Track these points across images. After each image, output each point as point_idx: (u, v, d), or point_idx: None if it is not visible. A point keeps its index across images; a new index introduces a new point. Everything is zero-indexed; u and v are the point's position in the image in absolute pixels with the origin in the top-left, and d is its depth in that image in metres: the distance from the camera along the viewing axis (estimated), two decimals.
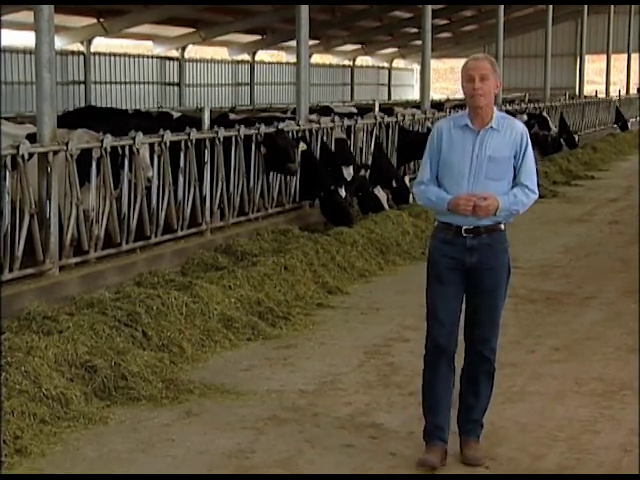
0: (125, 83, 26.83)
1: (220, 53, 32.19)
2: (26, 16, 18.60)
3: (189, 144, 10.15)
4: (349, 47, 38.11)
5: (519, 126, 5.33)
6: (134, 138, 9.26)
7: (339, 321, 8.59)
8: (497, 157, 5.20)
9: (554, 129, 21.99)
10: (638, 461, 5.38)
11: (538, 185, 5.37)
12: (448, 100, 29.33)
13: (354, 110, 18.91)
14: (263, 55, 33.98)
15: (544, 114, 22.43)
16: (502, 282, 5.34)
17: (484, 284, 5.27)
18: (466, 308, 5.36)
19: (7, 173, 7.78)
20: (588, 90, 32.94)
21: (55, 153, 8.30)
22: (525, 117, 21.30)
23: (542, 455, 5.53)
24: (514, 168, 5.26)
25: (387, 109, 18.25)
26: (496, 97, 5.35)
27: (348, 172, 12.30)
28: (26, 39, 21.75)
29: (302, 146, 11.94)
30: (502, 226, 5.30)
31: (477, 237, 5.23)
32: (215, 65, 30.98)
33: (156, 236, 9.67)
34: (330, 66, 38.30)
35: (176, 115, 15.32)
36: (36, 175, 8.29)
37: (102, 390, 6.40)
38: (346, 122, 13.78)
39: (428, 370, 5.42)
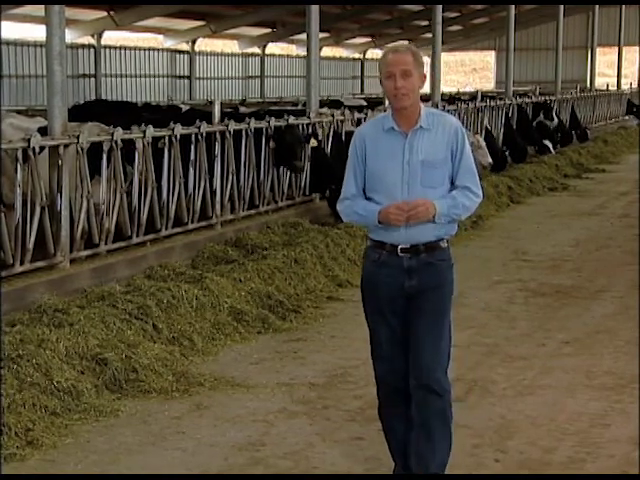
0: (135, 76, 26.86)
1: (230, 46, 32.20)
2: (37, 9, 18.66)
3: (199, 137, 10.16)
4: (359, 40, 38.04)
5: (452, 121, 4.60)
6: (144, 131, 9.28)
7: (349, 314, 8.57)
8: (431, 161, 4.48)
9: (555, 120, 21.87)
10: (638, 459, 5.35)
11: (482, 186, 4.66)
12: (458, 92, 29.26)
13: (364, 103, 18.92)
14: (273, 48, 33.96)
15: (548, 102, 22.34)
16: (447, 303, 4.61)
17: (427, 306, 4.53)
18: (409, 335, 4.60)
19: (18, 166, 7.81)
20: (599, 83, 32.80)
21: (66, 146, 8.33)
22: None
23: (552, 448, 5.53)
24: (452, 169, 4.54)
25: None
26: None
27: None
28: (37, 32, 21.78)
29: (313, 142, 11.88)
30: (444, 243, 4.58)
31: (415, 257, 4.51)
32: (225, 58, 30.98)
33: (166, 229, 9.69)
34: (340, 59, 38.27)
35: (184, 108, 15.35)
36: (47, 168, 8.32)
37: (113, 383, 6.42)
38: (356, 115, 13.78)
39: (384, 409, 4.79)
